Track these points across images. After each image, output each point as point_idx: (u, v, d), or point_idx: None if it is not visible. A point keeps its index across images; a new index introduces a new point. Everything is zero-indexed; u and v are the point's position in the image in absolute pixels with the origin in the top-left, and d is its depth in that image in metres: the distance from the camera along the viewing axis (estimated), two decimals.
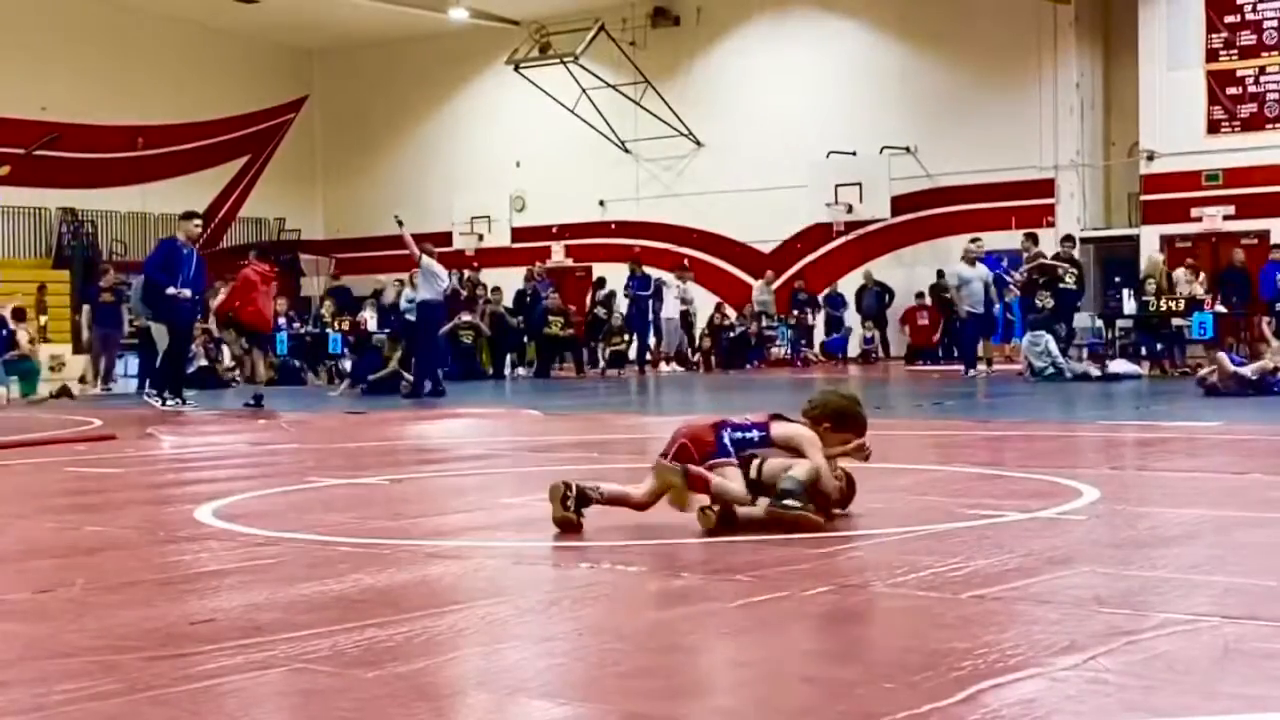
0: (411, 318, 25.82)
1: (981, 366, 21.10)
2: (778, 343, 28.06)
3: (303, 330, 25.84)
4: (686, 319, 27.85)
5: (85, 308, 23.66)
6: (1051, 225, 25.67)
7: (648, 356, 26.01)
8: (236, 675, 3.29)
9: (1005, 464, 7.70)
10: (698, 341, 27.98)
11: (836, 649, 3.68)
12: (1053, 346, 18.98)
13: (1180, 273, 21.70)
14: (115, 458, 9.78)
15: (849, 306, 28.89)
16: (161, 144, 32.65)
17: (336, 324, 25.06)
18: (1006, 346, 23.62)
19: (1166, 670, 3.23)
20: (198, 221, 17.14)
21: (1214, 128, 25.21)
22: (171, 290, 16.10)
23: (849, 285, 28.94)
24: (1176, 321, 20.77)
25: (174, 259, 16.36)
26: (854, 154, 28.39)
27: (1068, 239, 21.89)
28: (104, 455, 9.91)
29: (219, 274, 21.77)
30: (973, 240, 22.05)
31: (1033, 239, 21.97)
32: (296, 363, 24.55)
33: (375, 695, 3.11)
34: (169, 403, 16.16)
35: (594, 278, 29.90)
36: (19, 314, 22.69)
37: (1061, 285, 20.02)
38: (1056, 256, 20.73)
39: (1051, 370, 18.74)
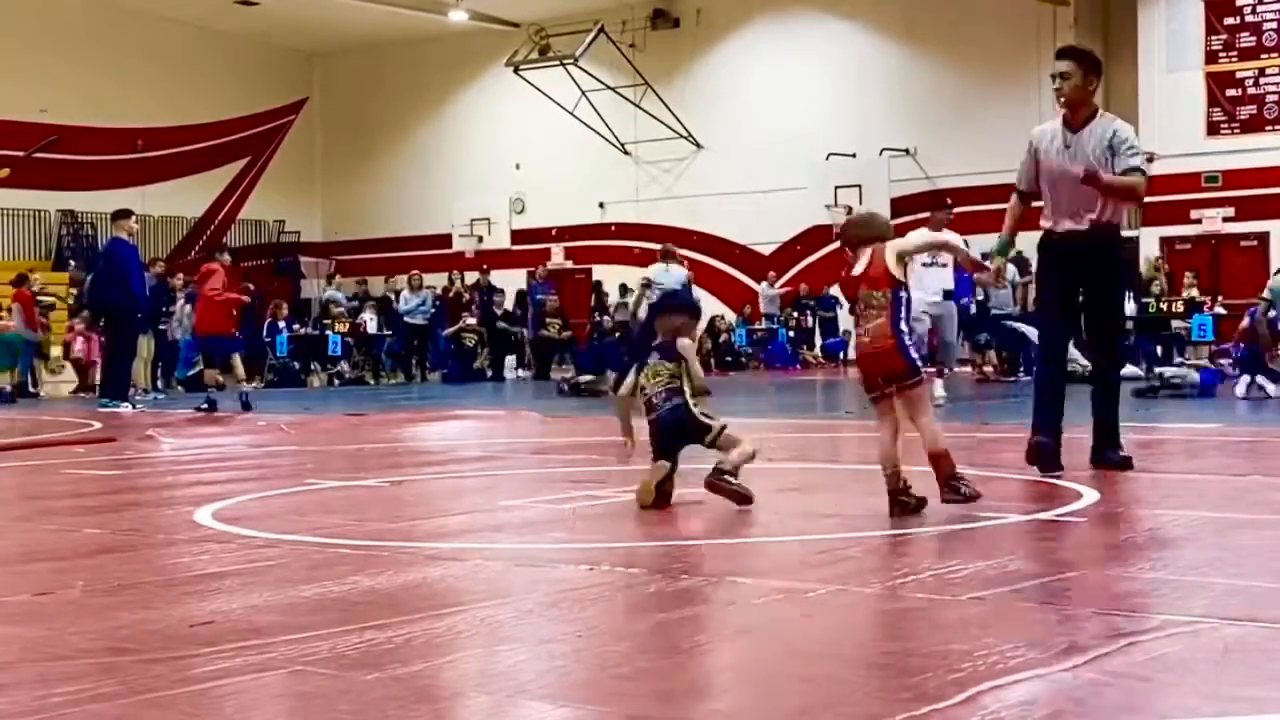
0: (411, 320, 25.86)
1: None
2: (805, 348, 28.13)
3: (302, 331, 25.82)
4: None
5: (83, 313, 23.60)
6: None
7: None
8: (236, 677, 3.28)
9: (1005, 466, 7.68)
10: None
11: (836, 649, 3.67)
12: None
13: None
14: (115, 460, 9.77)
15: (844, 308, 28.84)
16: (161, 146, 32.61)
17: (336, 325, 25.07)
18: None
19: (1166, 672, 3.23)
20: (135, 218, 17.22)
21: (1213, 129, 25.21)
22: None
23: None
24: (1176, 323, 20.75)
25: (137, 259, 16.45)
26: (854, 156, 28.36)
27: None
28: (103, 457, 9.90)
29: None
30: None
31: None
32: (296, 364, 24.52)
33: (375, 697, 3.11)
34: (118, 404, 16.16)
35: (593, 280, 29.88)
36: None
37: None
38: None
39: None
